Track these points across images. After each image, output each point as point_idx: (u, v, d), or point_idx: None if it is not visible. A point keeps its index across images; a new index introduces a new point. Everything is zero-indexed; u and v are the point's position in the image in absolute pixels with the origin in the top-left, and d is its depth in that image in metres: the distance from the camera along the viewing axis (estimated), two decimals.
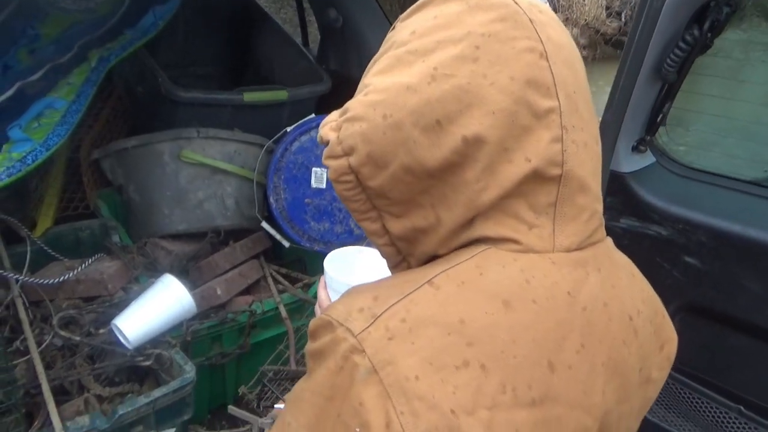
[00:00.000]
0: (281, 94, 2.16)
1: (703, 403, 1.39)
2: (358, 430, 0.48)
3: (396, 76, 0.54)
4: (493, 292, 0.51)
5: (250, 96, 2.11)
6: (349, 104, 0.56)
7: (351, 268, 0.94)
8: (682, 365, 1.41)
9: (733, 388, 1.36)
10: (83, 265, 1.71)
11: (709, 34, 1.29)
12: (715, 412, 1.39)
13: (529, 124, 0.52)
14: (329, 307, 0.54)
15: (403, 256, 0.61)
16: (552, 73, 0.52)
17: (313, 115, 2.10)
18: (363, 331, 0.50)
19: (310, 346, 0.54)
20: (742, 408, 1.34)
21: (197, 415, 1.83)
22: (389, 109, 0.54)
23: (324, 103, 2.28)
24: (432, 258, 0.58)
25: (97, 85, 1.92)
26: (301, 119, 2.07)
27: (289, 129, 2.02)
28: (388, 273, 0.74)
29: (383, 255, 0.63)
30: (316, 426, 0.51)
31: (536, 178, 0.52)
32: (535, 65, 0.51)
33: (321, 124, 0.57)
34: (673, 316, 1.44)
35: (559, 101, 0.52)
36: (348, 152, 0.55)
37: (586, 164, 0.55)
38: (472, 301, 0.51)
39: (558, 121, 0.52)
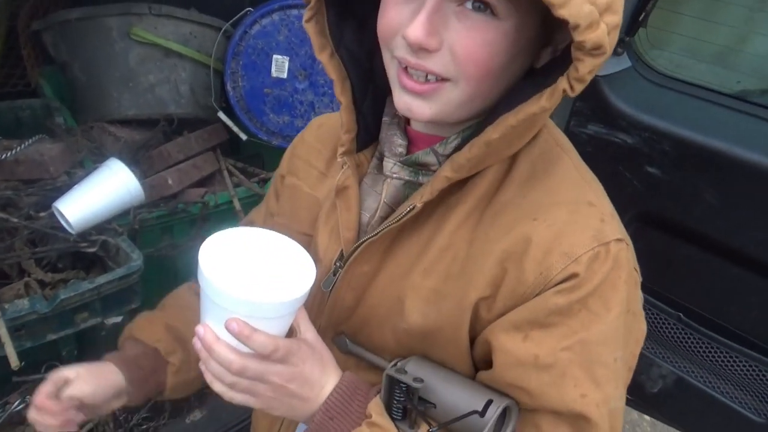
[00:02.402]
0: None
1: (645, 309, 1.43)
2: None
3: None
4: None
5: None
6: (612, 1, 0.53)
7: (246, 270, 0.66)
8: None
9: (675, 296, 1.40)
10: (23, 146, 1.60)
11: None
12: (655, 318, 1.43)
13: None
14: (572, 244, 0.63)
15: None
16: None
17: None
18: (621, 230, 0.65)
19: (587, 288, 0.61)
20: (681, 315, 1.38)
21: (147, 306, 1.81)
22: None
23: None
24: None
25: None
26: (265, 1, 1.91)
27: (249, 10, 1.87)
28: (286, 252, 0.68)
29: None
30: (626, 340, 0.65)
31: None
32: None
33: (588, 22, 0.51)
34: (628, 225, 1.45)
35: None
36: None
37: None
38: None
39: None
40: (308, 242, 0.79)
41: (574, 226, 0.63)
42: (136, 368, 0.84)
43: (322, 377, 0.68)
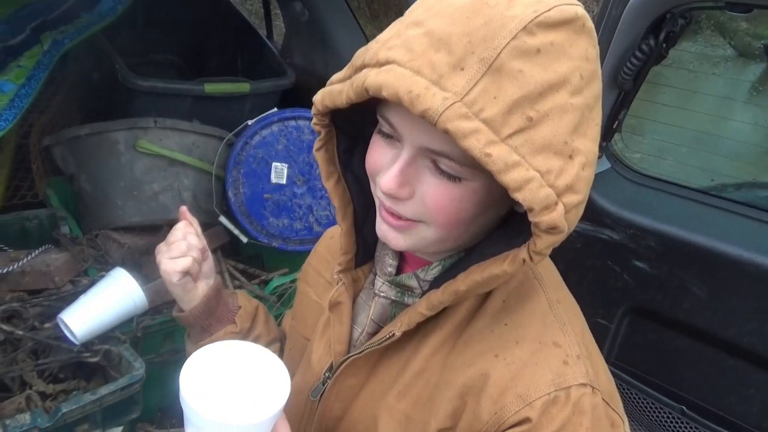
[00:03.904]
0: (243, 87, 2.12)
1: (648, 403, 1.43)
2: None
3: (588, 140, 0.56)
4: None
5: (212, 87, 2.07)
6: (574, 181, 0.53)
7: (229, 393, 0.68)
8: (628, 366, 1.45)
9: (677, 389, 1.41)
10: (29, 257, 1.64)
11: (664, 45, 1.33)
12: (659, 413, 1.43)
13: None
14: (530, 388, 0.61)
15: None
16: None
17: (275, 109, 2.07)
18: (587, 374, 0.62)
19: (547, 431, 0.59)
20: (684, 408, 1.38)
21: (147, 413, 1.78)
22: (591, 186, 0.58)
23: (287, 97, 2.25)
24: None
25: (49, 70, 1.85)
26: (264, 113, 2.04)
27: (250, 122, 1.99)
28: (265, 371, 0.70)
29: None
30: None
31: None
32: None
33: (543, 205, 0.52)
34: (621, 318, 1.49)
35: None
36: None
37: None
38: None
39: None
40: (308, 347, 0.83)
41: (533, 367, 0.61)
42: (217, 297, 0.92)
43: None
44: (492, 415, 0.61)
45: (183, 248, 0.86)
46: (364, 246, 0.76)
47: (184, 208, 0.93)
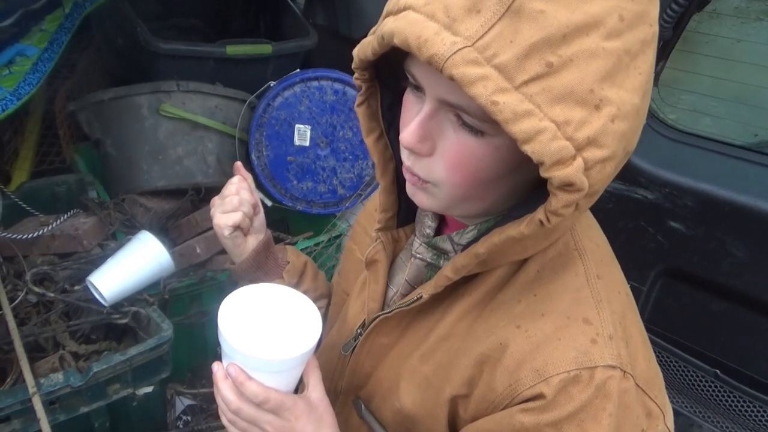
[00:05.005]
0: (266, 48, 2.08)
1: (680, 367, 1.40)
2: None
3: (625, 90, 0.50)
4: None
5: (234, 49, 2.04)
6: (598, 134, 0.48)
7: (265, 328, 0.73)
8: (662, 330, 1.41)
9: (711, 352, 1.37)
10: (58, 221, 1.66)
11: None
12: (692, 376, 1.40)
13: None
14: (548, 364, 0.57)
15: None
16: None
17: (297, 70, 2.03)
18: (618, 356, 0.57)
19: (558, 412, 0.56)
20: (718, 372, 1.34)
21: (177, 373, 1.82)
22: (629, 142, 0.53)
23: (310, 58, 2.20)
24: None
25: (71, 33, 1.84)
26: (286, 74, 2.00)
27: (272, 84, 1.96)
28: (302, 311, 0.73)
29: None
30: None
31: None
32: None
33: (555, 159, 0.48)
34: (655, 281, 1.44)
35: None
36: (589, 194, 0.52)
37: None
38: None
39: None
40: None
41: (555, 342, 0.58)
42: (266, 252, 0.93)
43: None
44: (506, 387, 0.59)
45: (235, 203, 0.86)
46: (408, 206, 0.74)
47: (238, 164, 0.95)
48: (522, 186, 0.60)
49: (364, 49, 0.57)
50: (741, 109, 1.50)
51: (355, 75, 0.63)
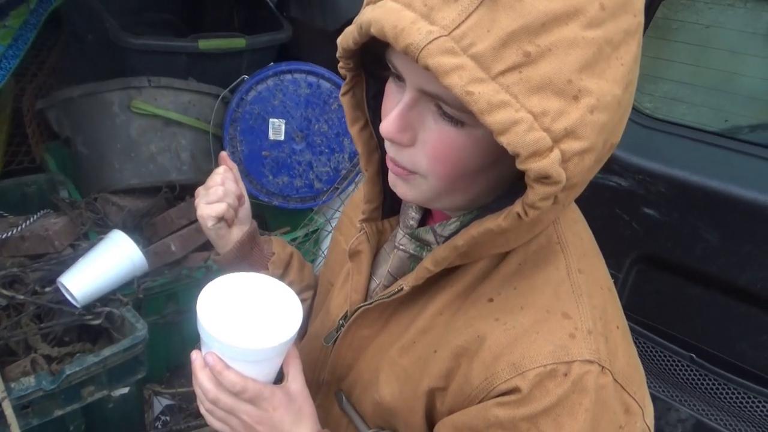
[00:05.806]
0: (239, 42, 2.05)
1: (657, 351, 1.41)
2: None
3: (605, 81, 0.48)
4: None
5: (206, 44, 2.00)
6: (576, 125, 0.47)
7: (243, 316, 0.73)
8: (638, 315, 1.42)
9: (687, 336, 1.38)
10: (28, 222, 1.63)
11: None
12: (668, 361, 1.41)
13: None
14: (526, 358, 0.56)
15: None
16: None
17: (271, 64, 2.01)
18: (596, 351, 0.56)
19: (534, 407, 0.55)
20: (693, 356, 1.36)
21: (154, 373, 1.80)
22: (611, 134, 0.51)
23: (284, 51, 2.18)
24: None
25: (37, 29, 1.79)
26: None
27: (246, 77, 1.93)
28: (280, 301, 0.72)
29: None
30: None
31: None
32: None
33: (531, 151, 0.47)
34: (630, 267, 1.45)
35: None
36: (568, 187, 0.51)
37: None
38: None
39: None
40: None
41: (533, 336, 0.57)
42: (251, 243, 0.92)
43: (292, 428, 0.68)
44: (483, 380, 0.58)
45: (220, 194, 0.85)
46: (393, 197, 0.73)
47: (223, 154, 0.93)
48: (506, 178, 0.60)
49: (346, 39, 0.56)
50: (713, 95, 1.51)
51: (340, 64, 0.62)
